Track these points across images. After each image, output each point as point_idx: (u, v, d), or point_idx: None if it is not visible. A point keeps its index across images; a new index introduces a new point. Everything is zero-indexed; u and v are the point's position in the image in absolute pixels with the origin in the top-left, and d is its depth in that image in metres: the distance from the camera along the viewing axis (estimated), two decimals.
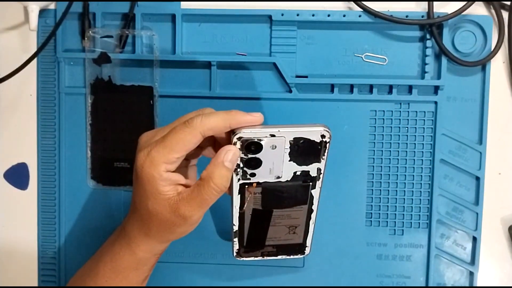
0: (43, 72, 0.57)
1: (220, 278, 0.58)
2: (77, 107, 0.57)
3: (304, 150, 0.43)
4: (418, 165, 0.56)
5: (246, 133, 0.41)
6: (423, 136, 0.55)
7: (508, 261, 0.56)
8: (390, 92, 0.55)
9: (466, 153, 0.55)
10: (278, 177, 0.44)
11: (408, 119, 0.56)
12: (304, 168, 0.44)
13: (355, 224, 0.56)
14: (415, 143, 0.56)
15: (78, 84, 0.57)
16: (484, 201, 0.55)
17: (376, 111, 0.56)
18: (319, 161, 0.44)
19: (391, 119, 0.56)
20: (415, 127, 0.56)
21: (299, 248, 0.51)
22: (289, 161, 0.43)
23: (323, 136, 0.42)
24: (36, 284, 0.59)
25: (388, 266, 0.57)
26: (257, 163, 0.43)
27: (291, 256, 0.51)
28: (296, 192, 0.46)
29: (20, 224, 0.59)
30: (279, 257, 0.51)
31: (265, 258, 0.51)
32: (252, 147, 0.42)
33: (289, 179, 0.44)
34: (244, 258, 0.51)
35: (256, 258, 0.51)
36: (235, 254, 0.50)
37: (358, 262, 0.57)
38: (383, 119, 0.56)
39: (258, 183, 0.44)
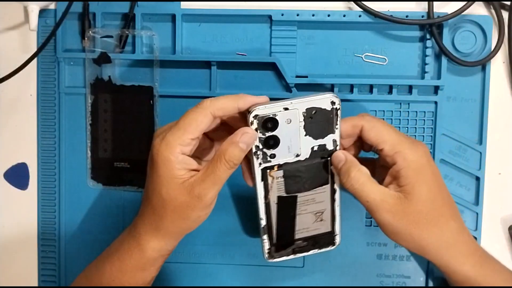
0: (43, 72, 0.57)
1: (219, 278, 0.58)
2: (77, 107, 0.57)
3: (317, 121, 0.44)
4: None
5: (261, 110, 0.43)
6: (423, 136, 0.55)
7: (508, 261, 0.56)
8: (390, 92, 0.55)
9: (466, 153, 0.56)
10: (297, 155, 0.45)
11: (408, 119, 0.56)
12: (321, 141, 0.45)
13: (355, 224, 0.56)
14: None
15: (78, 84, 0.57)
16: (484, 201, 0.55)
17: (376, 111, 0.56)
18: (333, 132, 0.45)
19: (391, 119, 0.56)
20: (415, 127, 0.56)
21: (329, 238, 0.50)
22: (305, 135, 0.44)
23: (333, 103, 0.44)
24: (36, 284, 0.59)
25: (388, 266, 0.57)
26: (275, 142, 0.44)
27: (323, 250, 0.50)
28: (317, 171, 0.46)
29: (20, 224, 0.59)
30: (311, 252, 0.50)
31: (297, 255, 0.50)
32: (268, 124, 0.43)
33: (308, 157, 0.45)
34: (277, 259, 0.49)
35: (288, 257, 0.50)
36: (266, 255, 0.49)
37: (358, 262, 0.57)
38: (383, 119, 0.56)
39: (279, 165, 0.45)
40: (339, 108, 0.44)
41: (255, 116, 0.43)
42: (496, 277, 0.47)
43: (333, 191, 0.48)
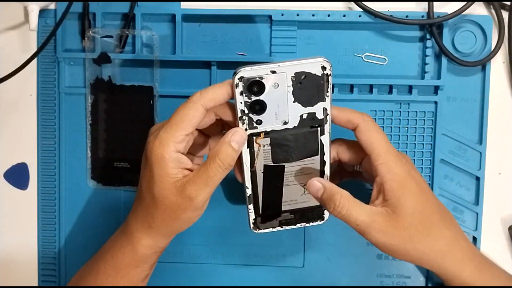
0: (43, 72, 0.57)
1: (219, 278, 0.58)
2: (77, 107, 0.57)
3: (307, 87, 0.42)
4: (418, 165, 0.56)
5: (246, 72, 0.41)
6: (423, 136, 0.55)
7: (508, 261, 0.56)
8: (390, 92, 0.55)
9: (466, 153, 0.56)
10: (285, 123, 0.44)
11: (408, 119, 0.56)
12: (310, 109, 0.43)
13: None
14: (415, 143, 0.56)
15: (78, 84, 0.57)
16: (484, 201, 0.55)
17: (376, 111, 0.56)
18: (323, 100, 0.43)
19: (391, 119, 0.56)
20: (415, 127, 0.56)
21: (317, 213, 0.48)
22: (294, 102, 0.43)
23: (323, 68, 0.42)
24: (36, 284, 0.59)
25: (388, 266, 0.57)
26: (261, 107, 0.43)
27: (311, 223, 0.49)
28: (305, 140, 0.45)
29: (20, 224, 0.59)
30: (298, 225, 0.49)
31: (284, 227, 0.49)
32: (254, 87, 0.42)
33: (296, 125, 0.44)
34: (262, 230, 0.48)
35: (274, 229, 0.49)
36: (251, 225, 0.48)
37: (358, 262, 0.57)
38: (383, 119, 0.56)
39: (265, 132, 0.44)
40: (330, 74, 0.42)
41: (241, 78, 0.41)
42: (495, 282, 0.47)
43: (322, 163, 0.46)
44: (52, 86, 0.57)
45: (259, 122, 0.43)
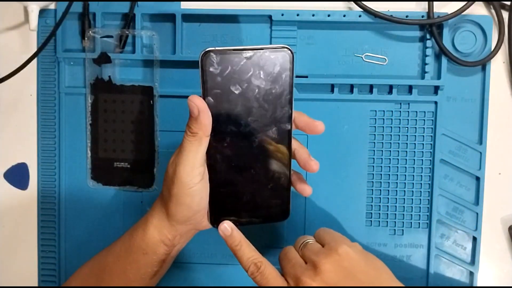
0: (43, 72, 0.57)
1: (220, 278, 0.58)
2: (77, 107, 0.57)
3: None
4: (418, 165, 0.56)
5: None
6: (423, 136, 0.55)
7: (508, 261, 0.56)
8: (390, 92, 0.55)
9: (466, 153, 0.56)
10: None
11: (408, 119, 0.56)
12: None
13: (355, 224, 0.56)
14: (415, 143, 0.56)
15: (78, 84, 0.57)
16: (484, 201, 0.55)
17: (376, 111, 0.56)
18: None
19: (391, 119, 0.56)
20: (415, 127, 0.56)
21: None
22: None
23: None
24: (36, 284, 0.59)
25: (388, 266, 0.57)
26: None
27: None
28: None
29: (20, 224, 0.59)
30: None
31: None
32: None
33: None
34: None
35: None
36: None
37: None
38: (383, 119, 0.56)
39: None
40: None
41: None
42: None
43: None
44: (52, 86, 0.57)
45: None
